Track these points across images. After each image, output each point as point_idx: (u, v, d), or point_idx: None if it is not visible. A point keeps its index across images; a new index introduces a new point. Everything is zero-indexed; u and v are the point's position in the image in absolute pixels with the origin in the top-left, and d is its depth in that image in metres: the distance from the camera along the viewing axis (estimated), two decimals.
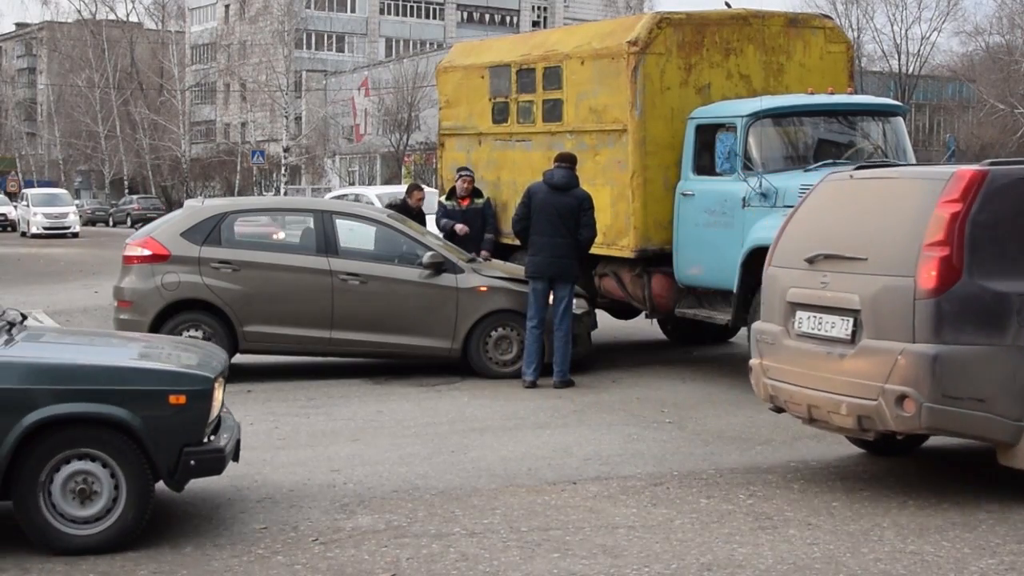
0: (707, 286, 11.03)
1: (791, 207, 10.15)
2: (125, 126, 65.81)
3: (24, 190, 51.98)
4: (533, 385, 10.60)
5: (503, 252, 13.19)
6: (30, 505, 5.83)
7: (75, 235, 43.91)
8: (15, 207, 51.30)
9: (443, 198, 13.45)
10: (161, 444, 5.90)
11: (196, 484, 7.09)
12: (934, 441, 8.32)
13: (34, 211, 44.38)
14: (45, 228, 43.69)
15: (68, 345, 6.93)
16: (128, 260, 11.33)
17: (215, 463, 6.10)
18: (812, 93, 11.13)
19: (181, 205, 14.78)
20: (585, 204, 10.74)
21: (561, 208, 10.68)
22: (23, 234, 45.19)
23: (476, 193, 13.13)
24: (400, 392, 10.51)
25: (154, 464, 5.92)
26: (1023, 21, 53.03)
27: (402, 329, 11.06)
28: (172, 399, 5.94)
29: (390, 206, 14.34)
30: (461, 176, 13.13)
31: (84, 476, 5.86)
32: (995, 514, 6.43)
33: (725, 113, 10.92)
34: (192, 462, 5.97)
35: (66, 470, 5.85)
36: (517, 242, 13.07)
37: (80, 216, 48.71)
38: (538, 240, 10.76)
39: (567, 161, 10.90)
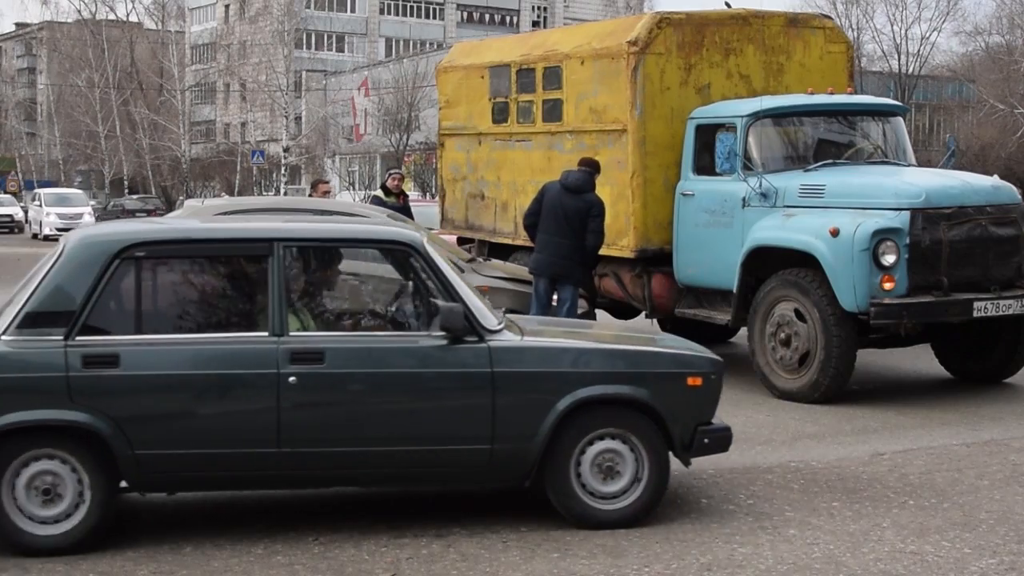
0: (707, 286, 11.03)
1: (791, 207, 10.20)
2: (125, 126, 65.76)
3: (36, 190, 48.75)
4: None
5: (503, 252, 13.20)
6: (561, 483, 6.09)
7: None
8: (23, 207, 49.63)
9: (379, 193, 14.95)
10: (679, 423, 6.20)
11: None
12: (936, 441, 8.33)
13: (47, 211, 42.65)
14: (59, 229, 41.50)
15: (571, 331, 7.10)
16: None
17: (724, 441, 6.46)
18: (812, 93, 11.13)
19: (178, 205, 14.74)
20: (594, 210, 10.69)
21: (569, 210, 10.66)
22: (35, 236, 43.23)
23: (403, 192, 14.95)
24: None
25: (672, 442, 6.22)
26: (1023, 21, 53.03)
27: None
28: (690, 380, 6.26)
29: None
30: (392, 175, 14.98)
31: (611, 454, 6.16)
32: (995, 514, 6.43)
33: (725, 113, 10.92)
34: (705, 440, 6.31)
35: (592, 450, 6.13)
36: (516, 242, 13.10)
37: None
38: (542, 238, 10.79)
39: (590, 166, 10.87)
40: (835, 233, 9.47)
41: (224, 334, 5.92)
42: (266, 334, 5.86)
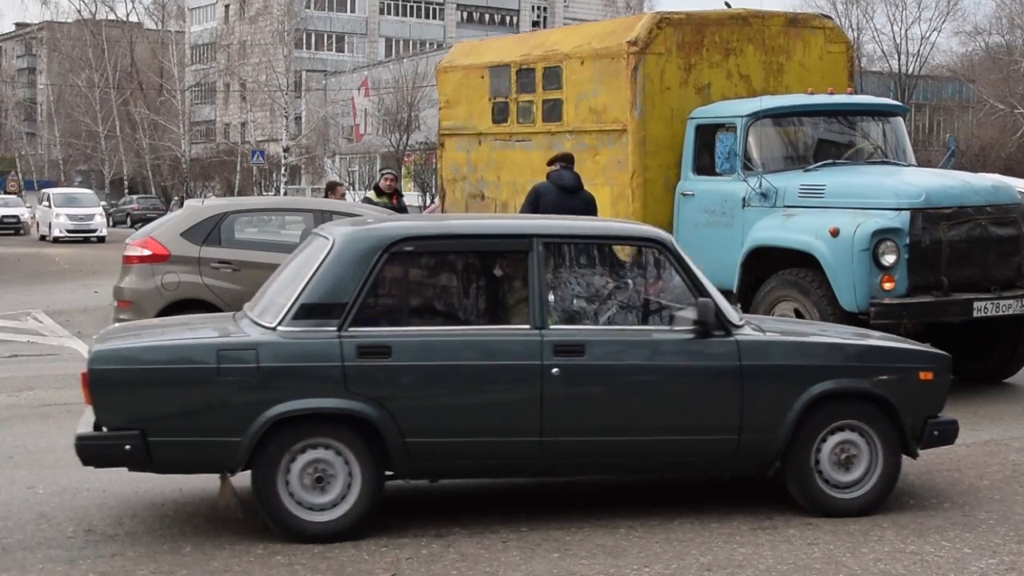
0: None
1: (791, 207, 10.20)
2: (125, 126, 65.80)
3: (45, 190, 46.92)
4: None
5: None
6: (801, 472, 6.30)
7: (101, 239, 40.48)
8: (28, 208, 48.10)
9: (370, 195, 14.89)
10: (911, 415, 6.40)
11: (196, 484, 7.09)
12: None
13: (56, 212, 41.03)
14: (69, 231, 40.40)
15: (805, 329, 7.36)
16: (128, 260, 11.33)
17: (952, 433, 6.64)
18: (812, 93, 11.13)
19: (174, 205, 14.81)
20: (592, 208, 10.67)
21: (571, 210, 10.62)
22: (42, 238, 41.89)
23: (397, 193, 14.80)
24: None
25: (904, 434, 6.39)
26: (1023, 21, 53.04)
27: None
28: (922, 375, 6.47)
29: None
30: (384, 175, 14.78)
31: (847, 445, 6.34)
32: (995, 514, 6.43)
33: (725, 113, 10.92)
34: (935, 432, 6.51)
35: (831, 441, 6.33)
36: None
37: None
38: None
39: (569, 161, 10.84)
40: (835, 233, 9.47)
41: (487, 326, 6.14)
42: (528, 327, 6.04)
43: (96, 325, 15.26)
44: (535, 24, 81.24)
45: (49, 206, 42.08)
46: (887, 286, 9.32)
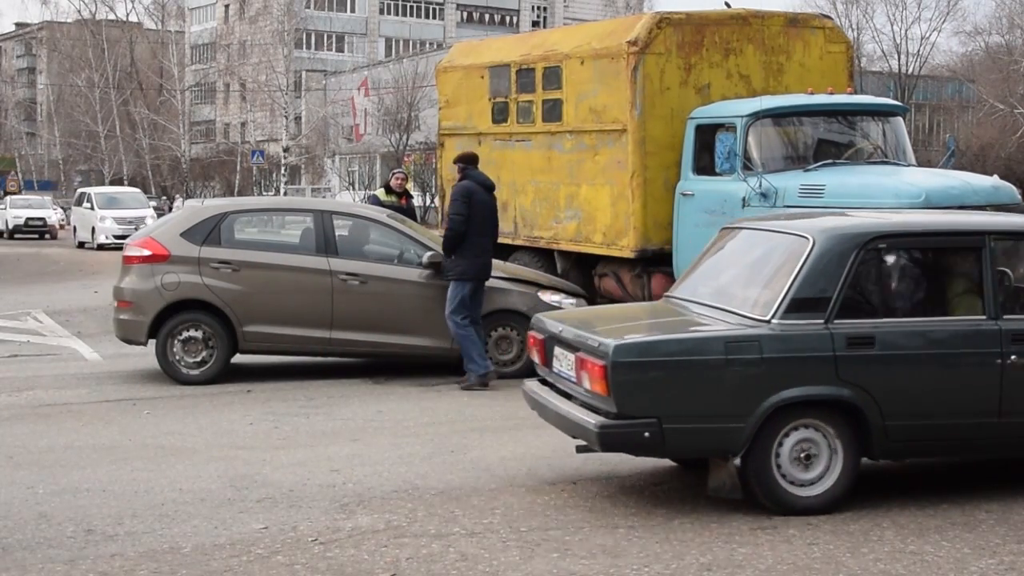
0: None
1: (791, 207, 10.20)
2: (125, 126, 65.82)
3: (85, 189, 40.62)
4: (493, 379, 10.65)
5: (503, 252, 13.21)
6: None
7: None
8: (55, 209, 44.38)
9: (378, 193, 14.75)
10: None
11: (196, 484, 7.10)
12: None
13: (101, 216, 34.97)
14: (117, 236, 32.56)
15: None
16: (128, 260, 11.33)
17: None
18: (812, 93, 11.14)
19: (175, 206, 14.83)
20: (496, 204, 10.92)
21: (494, 209, 10.72)
22: (81, 244, 36.37)
23: (407, 193, 14.68)
24: (400, 392, 10.51)
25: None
26: (1023, 21, 53.05)
27: (402, 329, 11.05)
28: None
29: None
30: (395, 175, 14.59)
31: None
32: (995, 514, 6.44)
33: (725, 113, 10.93)
34: None
35: None
36: (516, 242, 13.10)
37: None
38: (481, 241, 10.60)
39: (474, 162, 10.88)
40: None
41: (947, 317, 6.66)
42: (984, 317, 6.56)
43: (96, 325, 15.27)
44: (535, 24, 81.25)
45: (91, 207, 36.02)
46: None
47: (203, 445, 8.36)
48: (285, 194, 55.37)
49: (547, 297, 11.32)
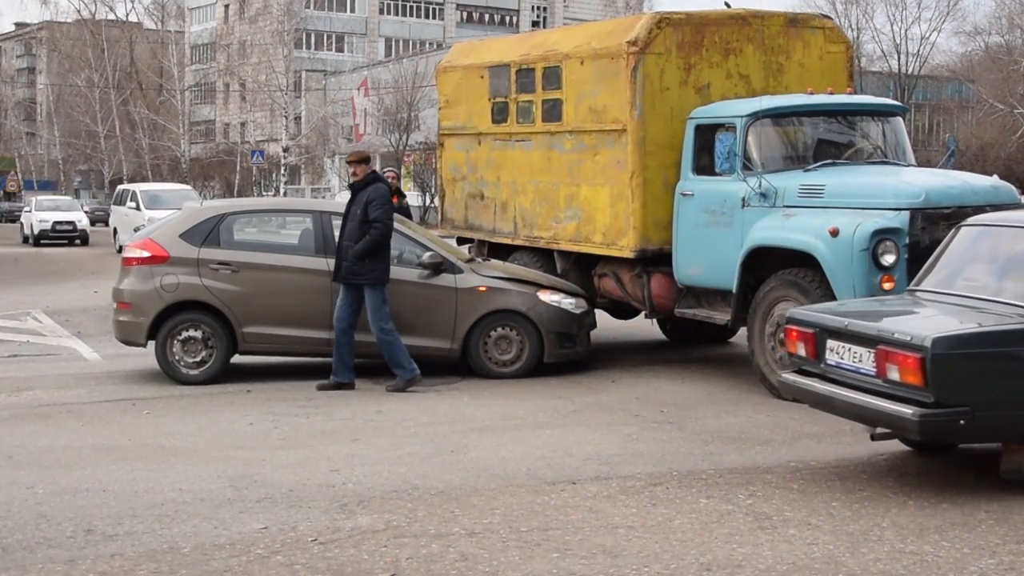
0: (706, 286, 11.03)
1: (790, 207, 10.20)
2: (125, 126, 65.81)
3: (129, 186, 35.63)
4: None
5: (503, 252, 13.20)
6: None
7: None
8: (88, 211, 41.71)
9: None
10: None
11: (196, 483, 7.10)
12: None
13: (148, 216, 28.90)
14: None
15: None
16: (127, 262, 11.32)
17: None
18: (812, 93, 11.13)
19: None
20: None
21: (398, 210, 10.78)
22: (120, 250, 29.99)
23: (399, 192, 14.38)
24: (400, 392, 10.51)
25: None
26: (1023, 21, 53.07)
27: (401, 329, 11.04)
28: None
29: None
30: (386, 171, 14.62)
31: None
32: (995, 514, 6.44)
33: (724, 113, 10.92)
34: None
35: None
36: (516, 242, 13.09)
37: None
38: (387, 245, 10.67)
39: (368, 162, 10.92)
40: (835, 233, 9.47)
41: None
42: None
43: (96, 325, 15.27)
44: (535, 24, 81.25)
45: (136, 207, 31.34)
46: (887, 286, 9.32)
47: (203, 445, 8.36)
48: (285, 194, 55.38)
49: (546, 297, 11.33)
